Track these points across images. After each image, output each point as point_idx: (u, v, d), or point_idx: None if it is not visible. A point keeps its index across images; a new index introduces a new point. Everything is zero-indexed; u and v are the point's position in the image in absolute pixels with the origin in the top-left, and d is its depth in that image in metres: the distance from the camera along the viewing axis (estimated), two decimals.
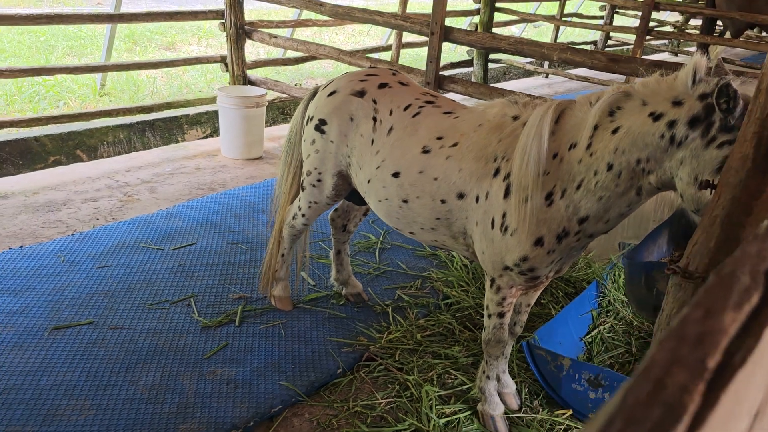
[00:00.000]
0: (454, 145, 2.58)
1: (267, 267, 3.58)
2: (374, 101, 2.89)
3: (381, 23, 5.46)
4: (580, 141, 2.24)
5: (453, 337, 3.52)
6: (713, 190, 1.74)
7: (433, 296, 3.90)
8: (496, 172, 2.44)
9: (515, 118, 2.49)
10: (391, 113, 2.82)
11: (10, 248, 4.10)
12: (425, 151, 2.65)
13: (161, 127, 6.76)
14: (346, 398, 3.03)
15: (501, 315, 2.69)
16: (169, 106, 6.43)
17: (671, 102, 2.06)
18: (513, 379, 3.15)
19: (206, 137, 7.01)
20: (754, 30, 14.01)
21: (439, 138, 2.63)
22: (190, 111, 6.92)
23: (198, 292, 3.74)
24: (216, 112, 6.75)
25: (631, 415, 0.34)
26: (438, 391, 3.06)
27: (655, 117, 2.08)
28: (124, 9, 6.62)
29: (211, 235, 4.46)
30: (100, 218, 4.72)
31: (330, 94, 3.03)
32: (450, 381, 3.18)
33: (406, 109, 2.80)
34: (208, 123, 7.08)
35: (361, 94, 2.93)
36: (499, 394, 2.99)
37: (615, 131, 2.16)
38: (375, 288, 3.95)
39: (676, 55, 13.64)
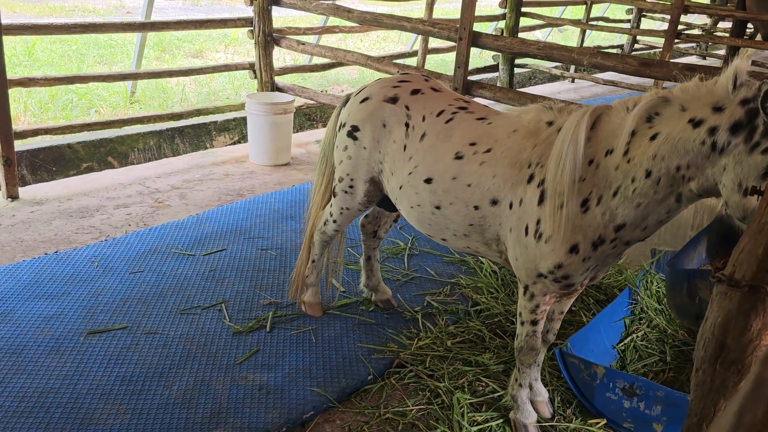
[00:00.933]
0: (488, 151, 2.56)
1: (297, 273, 3.59)
2: (407, 107, 2.89)
3: (409, 29, 5.46)
4: (617, 147, 2.21)
5: (483, 344, 3.50)
6: (760, 197, 1.70)
7: (463, 303, 3.88)
8: (531, 179, 2.42)
9: (550, 123, 2.48)
10: (423, 119, 2.82)
11: (46, 254, 4.17)
12: (458, 157, 2.64)
13: (190, 134, 6.84)
14: (377, 405, 3.02)
15: (534, 323, 2.67)
16: (198, 113, 6.51)
17: (711, 107, 2.03)
18: (545, 387, 3.12)
19: (234, 143, 7.08)
20: None
21: (473, 144, 2.63)
22: (219, 118, 7.00)
23: (229, 297, 3.77)
24: (244, 119, 6.81)
25: None
26: (469, 399, 3.04)
27: (695, 123, 2.05)
28: (154, 18, 6.72)
29: (240, 240, 4.50)
30: (132, 224, 4.78)
31: (363, 101, 3.04)
32: (481, 388, 3.16)
33: (438, 115, 2.80)
34: (236, 129, 7.15)
35: (393, 100, 2.94)
36: (532, 403, 2.96)
37: (653, 137, 2.13)
38: (404, 294, 3.94)
39: (705, 59, 13.44)
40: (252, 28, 6.55)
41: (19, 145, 5.66)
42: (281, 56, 10.36)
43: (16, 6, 13.49)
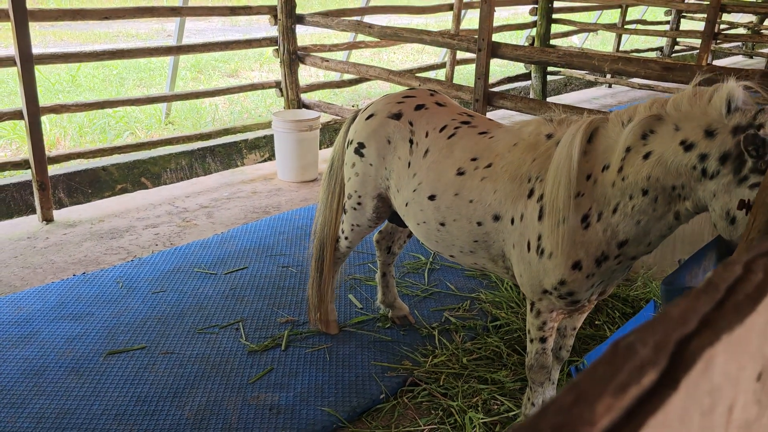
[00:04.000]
0: (489, 166, 2.52)
1: (314, 294, 3.57)
2: (410, 123, 2.87)
3: (429, 42, 5.45)
4: (612, 163, 2.15)
5: (500, 360, 3.42)
6: (748, 212, 1.62)
7: (482, 318, 3.81)
8: (531, 193, 2.37)
9: (549, 136, 2.42)
10: (427, 135, 2.79)
11: (74, 275, 4.29)
12: (460, 173, 2.60)
13: (221, 153, 6.96)
14: (388, 424, 2.98)
15: (543, 340, 2.60)
16: (227, 132, 6.62)
17: (704, 131, 1.95)
18: None
19: (264, 161, 7.17)
20: None
21: (474, 159, 2.58)
22: (249, 136, 7.11)
23: (247, 316, 3.80)
24: (273, 136, 6.90)
25: None
26: (483, 418, 2.98)
27: (687, 146, 1.98)
28: (192, 39, 6.89)
29: (262, 258, 4.53)
30: (159, 244, 4.88)
31: (368, 118, 3.03)
32: (496, 407, 3.09)
33: (441, 130, 2.77)
34: (266, 147, 7.25)
35: (397, 116, 2.92)
36: None
37: (647, 156, 2.07)
38: (422, 310, 3.89)
39: (751, 57, 13.00)
40: (277, 48, 6.64)
41: (56, 168, 5.87)
42: (314, 72, 10.47)
43: (64, 35, 14.03)
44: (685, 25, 12.39)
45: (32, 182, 5.10)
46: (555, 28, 9.62)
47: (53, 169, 5.75)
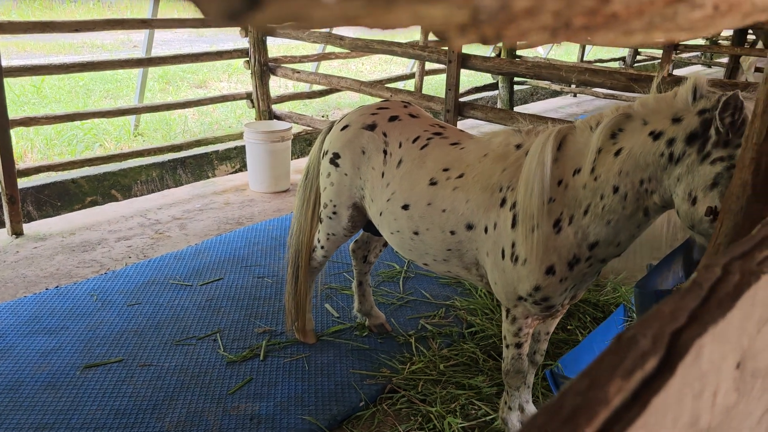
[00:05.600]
0: (461, 176, 2.59)
1: (291, 303, 3.60)
2: (384, 134, 2.93)
3: (400, 54, 5.53)
4: (584, 166, 2.23)
5: (477, 366, 3.49)
6: (716, 218, 1.71)
7: (457, 325, 3.88)
8: (503, 202, 2.44)
9: (518, 146, 2.50)
10: (400, 146, 2.86)
11: (47, 289, 4.24)
12: (433, 183, 2.67)
13: (192, 164, 6.94)
14: (369, 431, 3.02)
15: (518, 345, 2.67)
16: (198, 143, 6.60)
17: (671, 119, 2.05)
18: (537, 409, 3.10)
19: (235, 172, 7.16)
20: None
21: (446, 170, 2.65)
22: (220, 147, 7.09)
23: (224, 327, 3.80)
24: (244, 147, 6.90)
25: None
26: (461, 423, 3.04)
27: (655, 136, 2.07)
28: (159, 50, 6.86)
29: (238, 269, 4.54)
30: (132, 256, 4.85)
31: (343, 128, 3.09)
32: (474, 412, 3.15)
33: (414, 141, 2.83)
34: (237, 158, 7.24)
35: (371, 127, 2.98)
36: (522, 425, 2.95)
37: (617, 153, 2.16)
38: (398, 318, 3.95)
39: (710, 67, 13.42)
40: (248, 59, 6.66)
41: (24, 181, 5.78)
42: (283, 83, 10.49)
43: (27, 45, 13.80)
44: None
45: (1, 196, 5.02)
46: None
47: (22, 182, 5.66)
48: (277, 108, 6.96)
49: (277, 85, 9.77)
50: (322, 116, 8.74)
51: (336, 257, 4.65)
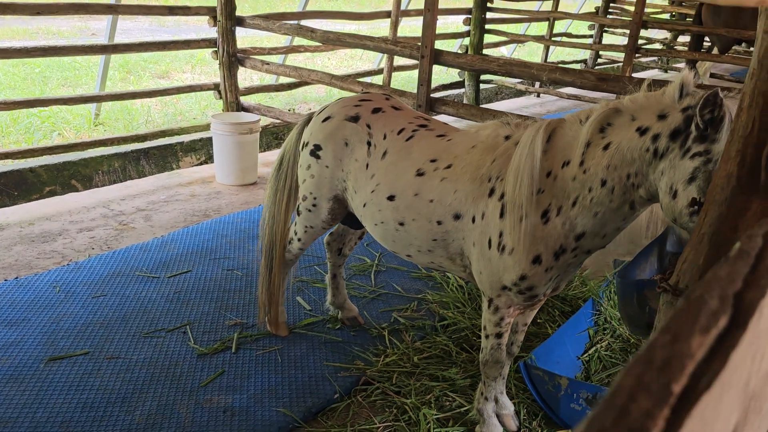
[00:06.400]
0: (449, 167, 2.60)
1: (264, 294, 3.57)
2: (368, 126, 2.92)
3: (372, 48, 5.52)
4: (574, 158, 2.27)
5: (450, 359, 3.51)
6: (700, 208, 1.76)
7: (430, 318, 3.90)
8: (491, 192, 2.46)
9: (507, 138, 2.52)
10: (385, 137, 2.85)
11: (6, 280, 4.09)
12: (420, 174, 2.67)
13: (156, 155, 6.79)
14: (344, 423, 3.01)
15: (499, 335, 2.69)
16: (163, 134, 6.47)
17: (657, 116, 2.10)
18: (511, 400, 3.14)
19: (201, 164, 7.04)
20: (742, 45, 14.17)
21: (433, 160, 2.66)
22: (185, 138, 6.96)
23: (194, 319, 3.74)
24: (210, 139, 6.78)
25: None
26: (436, 414, 3.05)
27: (642, 131, 2.12)
28: (118, 39, 6.69)
29: (206, 262, 4.46)
30: (96, 247, 4.72)
31: (324, 120, 3.06)
32: (448, 403, 3.17)
33: (399, 132, 2.83)
34: (202, 150, 7.12)
35: (355, 119, 2.96)
36: (498, 416, 2.98)
37: (606, 147, 2.20)
38: (371, 311, 3.94)
39: (666, 72, 13.79)
40: (216, 49, 6.56)
41: None
42: (248, 76, 10.37)
43: None
44: (607, 39, 13.01)
45: None
46: (487, 38, 9.92)
47: None
48: (245, 100, 6.87)
49: (242, 78, 9.63)
50: (288, 110, 8.66)
51: (307, 250, 4.61)
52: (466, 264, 2.66)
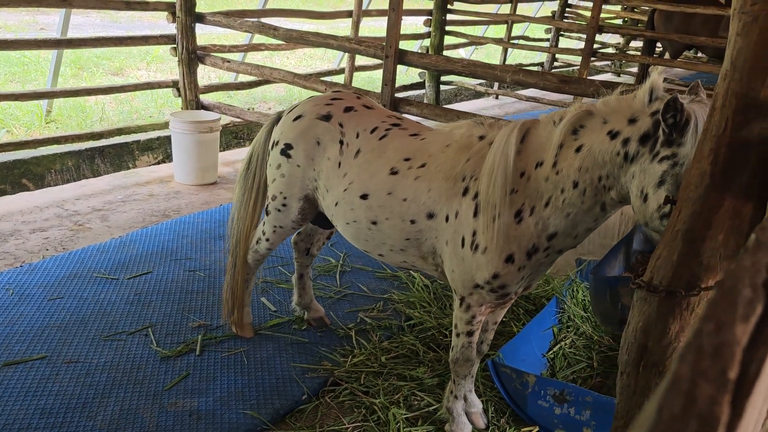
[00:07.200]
0: (423, 165, 2.60)
1: (228, 294, 3.51)
2: (340, 125, 2.90)
3: (335, 47, 5.49)
4: (547, 159, 2.29)
5: (417, 358, 3.51)
6: (674, 206, 1.79)
7: (396, 318, 3.89)
8: (465, 192, 2.47)
9: (481, 137, 2.54)
10: (357, 136, 2.83)
11: None
12: (393, 173, 2.66)
13: (111, 154, 6.60)
14: (312, 424, 2.98)
15: (470, 333, 2.70)
16: (119, 132, 6.30)
17: (628, 120, 2.14)
18: (479, 398, 3.16)
19: (158, 163, 6.88)
20: (691, 51, 14.65)
21: (407, 159, 2.66)
22: (142, 137, 6.79)
23: (156, 321, 3.64)
24: (168, 138, 6.64)
25: (670, 429, 0.35)
26: (405, 414, 3.05)
27: (613, 135, 2.15)
28: (71, 35, 6.48)
29: (167, 263, 4.36)
30: (50, 248, 4.56)
31: (296, 119, 3.02)
32: (416, 403, 3.17)
33: (372, 131, 2.82)
34: (160, 149, 6.96)
35: (327, 118, 2.94)
36: (466, 414, 3.00)
37: (578, 150, 2.23)
38: (337, 312, 3.92)
39: (619, 75, 14.13)
40: (175, 46, 6.42)
41: None
42: (206, 74, 10.19)
43: None
44: (563, 42, 13.26)
45: None
46: (447, 40, 9.99)
47: None
48: (204, 98, 6.75)
49: (199, 76, 9.45)
50: (248, 108, 8.54)
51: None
52: (438, 263, 2.67)
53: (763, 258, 0.54)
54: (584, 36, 9.19)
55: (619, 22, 14.83)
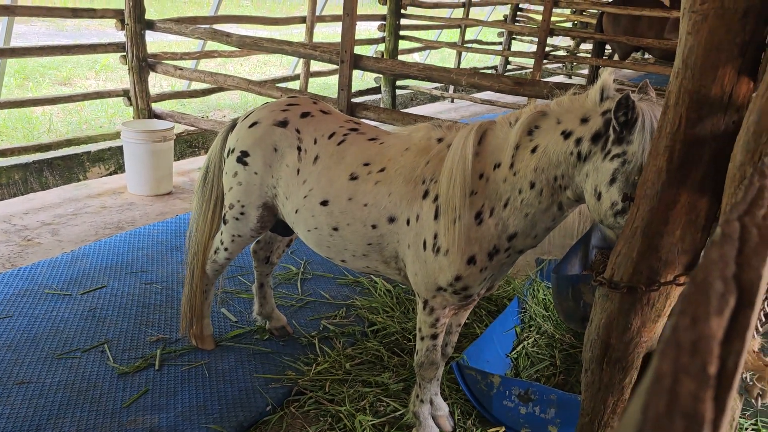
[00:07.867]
0: (382, 170, 2.59)
1: (187, 306, 3.42)
2: (297, 131, 2.86)
3: (290, 53, 5.45)
4: (504, 160, 2.30)
5: (382, 363, 3.49)
6: (632, 203, 1.82)
7: (359, 324, 3.87)
8: (426, 194, 2.47)
9: (440, 140, 2.54)
10: (315, 142, 2.80)
11: None
12: (353, 178, 2.64)
13: (60, 166, 6.41)
14: None
15: (434, 336, 2.70)
16: (68, 143, 6.12)
17: (580, 120, 2.16)
18: (445, 401, 3.15)
19: (110, 174, 6.71)
20: (639, 53, 15.05)
21: (367, 164, 2.64)
22: (92, 147, 6.61)
23: (112, 337, 3.54)
24: (120, 148, 6.48)
25: (657, 427, 0.33)
26: (371, 420, 3.02)
27: (566, 135, 2.18)
28: (14, 44, 6.27)
29: (122, 276, 4.24)
30: None
31: (251, 125, 2.97)
32: (382, 409, 3.14)
33: (330, 137, 2.79)
34: (111, 159, 6.78)
35: (283, 124, 2.90)
36: (433, 418, 2.98)
37: (534, 150, 2.24)
38: (299, 320, 3.87)
39: (570, 77, 14.40)
40: (125, 54, 6.28)
41: None
42: (158, 82, 10.00)
43: None
44: (515, 46, 13.46)
45: None
46: (402, 45, 10.03)
47: None
48: (156, 107, 6.61)
49: (151, 84, 9.26)
50: (202, 117, 8.41)
51: None
52: (400, 267, 2.65)
53: (730, 250, 0.54)
54: (536, 39, 9.33)
55: (569, 25, 15.14)
